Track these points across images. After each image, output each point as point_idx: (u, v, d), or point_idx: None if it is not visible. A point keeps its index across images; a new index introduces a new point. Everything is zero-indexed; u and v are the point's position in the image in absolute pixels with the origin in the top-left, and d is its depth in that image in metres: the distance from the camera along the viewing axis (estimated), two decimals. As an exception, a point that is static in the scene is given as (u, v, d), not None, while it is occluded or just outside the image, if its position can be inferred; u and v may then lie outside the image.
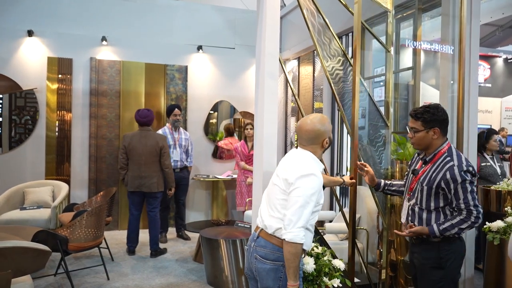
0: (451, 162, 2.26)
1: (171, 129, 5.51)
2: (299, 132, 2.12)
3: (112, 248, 4.94)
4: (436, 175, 2.29)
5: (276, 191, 2.06)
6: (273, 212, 2.05)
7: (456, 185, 2.22)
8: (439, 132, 2.33)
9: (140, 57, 6.07)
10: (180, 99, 6.27)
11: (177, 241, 5.52)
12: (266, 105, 2.82)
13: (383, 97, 3.58)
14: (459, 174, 2.21)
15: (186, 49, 6.37)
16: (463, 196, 2.22)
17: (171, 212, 5.89)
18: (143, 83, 6.07)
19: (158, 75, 6.17)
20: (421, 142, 2.36)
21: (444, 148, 2.35)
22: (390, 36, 3.47)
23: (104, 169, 5.89)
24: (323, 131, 2.11)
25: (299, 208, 1.92)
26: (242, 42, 6.60)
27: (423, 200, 2.35)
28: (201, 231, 4.28)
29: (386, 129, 3.38)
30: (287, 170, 2.04)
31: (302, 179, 1.95)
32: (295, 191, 1.95)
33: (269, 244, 2.03)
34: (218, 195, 6.37)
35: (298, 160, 2.06)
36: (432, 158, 2.37)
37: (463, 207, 2.22)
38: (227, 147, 6.44)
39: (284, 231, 1.93)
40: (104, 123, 5.90)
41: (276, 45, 2.84)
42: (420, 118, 2.33)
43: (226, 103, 6.64)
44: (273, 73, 2.83)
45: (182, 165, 5.55)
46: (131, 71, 6.02)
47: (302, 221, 1.92)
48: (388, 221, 3.33)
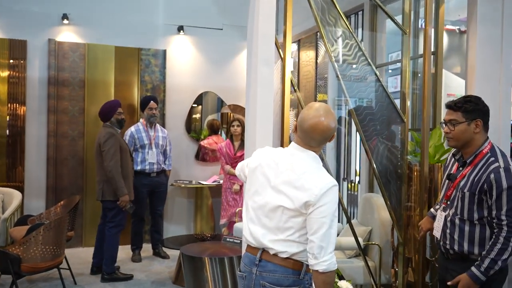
0: (496, 163, 2.31)
1: (145, 125, 5.49)
2: (311, 132, 2.01)
3: (75, 269, 4.90)
4: (479, 177, 2.33)
5: (278, 210, 2.03)
6: (278, 235, 2.03)
7: (501, 191, 2.24)
8: (481, 125, 2.38)
9: (109, 39, 6.03)
10: (157, 89, 6.25)
11: (153, 259, 5.49)
12: (259, 97, 2.82)
13: (399, 87, 3.60)
14: (505, 177, 2.24)
15: (164, 30, 6.34)
16: (508, 207, 2.24)
17: (146, 225, 5.87)
18: (113, 71, 6.04)
19: (130, 61, 6.14)
20: (461, 136, 2.40)
21: (486, 147, 2.40)
22: (407, 15, 3.48)
23: (65, 175, 5.85)
24: (335, 127, 2.09)
25: (327, 230, 1.93)
26: (231, 21, 6.58)
27: (464, 210, 2.38)
28: (182, 248, 4.27)
29: (402, 126, 3.39)
30: (295, 186, 1.99)
31: (326, 196, 1.95)
32: (318, 212, 1.94)
33: (280, 268, 2.03)
34: (202, 205, 6.36)
35: (311, 171, 2.01)
36: (472, 159, 2.41)
37: (504, 220, 2.24)
38: (211, 147, 6.43)
39: (315, 261, 1.93)
40: (66, 118, 5.86)
41: (272, 25, 2.84)
42: (460, 108, 2.39)
43: (212, 94, 6.63)
44: (268, 59, 2.83)
45: (159, 169, 5.53)
46: (98, 56, 5.99)
47: (333, 244, 1.95)
48: (404, 235, 3.34)
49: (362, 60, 3.36)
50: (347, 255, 4.08)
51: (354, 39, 3.34)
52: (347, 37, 3.34)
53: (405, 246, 3.34)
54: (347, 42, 3.34)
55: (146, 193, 5.48)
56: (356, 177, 5.57)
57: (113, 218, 4.69)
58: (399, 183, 3.35)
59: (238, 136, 5.63)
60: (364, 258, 3.46)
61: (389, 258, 3.81)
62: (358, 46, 3.34)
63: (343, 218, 5.44)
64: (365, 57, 3.35)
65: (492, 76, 3.45)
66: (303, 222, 1.98)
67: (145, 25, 6.24)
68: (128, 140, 5.39)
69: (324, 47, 5.73)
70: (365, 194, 4.56)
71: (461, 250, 2.39)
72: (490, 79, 3.44)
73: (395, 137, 3.44)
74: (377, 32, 4.79)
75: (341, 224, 4.82)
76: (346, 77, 3.32)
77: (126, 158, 4.73)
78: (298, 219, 1.98)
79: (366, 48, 4.75)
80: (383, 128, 3.38)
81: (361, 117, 3.32)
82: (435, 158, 3.44)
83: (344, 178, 5.69)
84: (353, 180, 5.61)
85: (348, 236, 3.95)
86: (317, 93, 6.10)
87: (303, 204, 1.95)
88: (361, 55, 3.33)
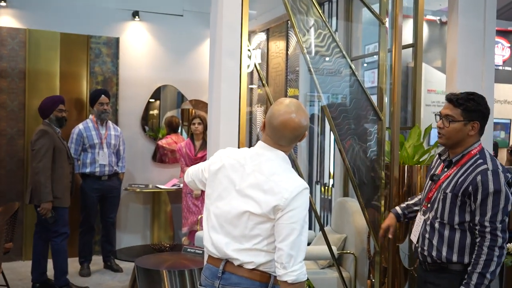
0: (485, 165, 2.36)
1: (96, 122, 5.43)
2: (281, 129, 2.03)
3: (14, 285, 4.81)
4: (464, 179, 2.38)
5: (243, 216, 2.03)
6: (243, 244, 2.03)
7: (486, 195, 2.30)
8: (478, 128, 2.44)
9: (54, 24, 5.94)
10: (109, 82, 6.19)
11: (105, 273, 5.44)
12: (224, 92, 2.82)
13: (376, 82, 3.66)
14: (493, 181, 2.30)
15: (117, 16, 6.29)
16: (492, 212, 2.29)
17: (96, 235, 5.80)
18: (58, 61, 5.95)
19: (78, 49, 6.06)
20: (453, 136, 2.45)
21: (475, 148, 2.45)
22: (385, 4, 3.55)
23: (2, 178, 5.73)
24: (307, 125, 2.11)
25: (297, 237, 1.95)
26: (192, 7, 6.57)
27: (445, 212, 2.43)
28: (137, 260, 4.24)
29: (380, 124, 3.45)
30: (264, 189, 2.00)
31: (297, 200, 1.97)
32: (287, 217, 1.95)
33: (246, 280, 2.04)
34: (160, 211, 6.33)
35: (280, 172, 2.03)
36: (459, 159, 2.46)
37: (488, 227, 2.29)
38: (170, 148, 6.41)
39: (284, 271, 1.94)
40: (3, 114, 5.74)
41: (238, 13, 2.84)
42: (461, 105, 2.42)
43: (172, 88, 6.60)
44: (234, 50, 2.83)
45: (111, 171, 5.48)
46: (40, 44, 5.88)
47: (303, 253, 1.98)
48: (381, 243, 3.41)
49: (336, 52, 3.41)
50: (319, 266, 4.13)
51: (328, 29, 3.38)
52: (320, 26, 3.38)
53: (382, 255, 3.40)
54: (320, 32, 3.37)
55: (96, 199, 5.41)
56: (330, 180, 5.64)
57: (53, 227, 4.63)
58: (375, 186, 3.41)
59: (200, 135, 5.64)
60: (338, 268, 3.51)
61: (365, 268, 3.87)
62: (332, 37, 3.38)
63: (315, 225, 5.50)
64: (339, 49, 3.39)
65: (474, 71, 3.55)
66: (271, 228, 1.99)
67: (95, 10, 6.16)
68: (75, 139, 5.33)
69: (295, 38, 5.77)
70: (339, 198, 4.62)
71: (439, 256, 2.44)
72: (472, 75, 3.54)
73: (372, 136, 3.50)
74: (352, 21, 4.86)
75: (313, 232, 4.87)
76: (319, 70, 3.36)
77: (61, 159, 4.66)
78: (265, 226, 1.99)
79: (340, 39, 4.81)
80: (359, 126, 3.44)
81: (335, 114, 3.36)
82: (414, 159, 3.53)
83: (317, 181, 5.76)
84: (327, 183, 5.68)
85: (320, 245, 4.00)
86: (287, 88, 6.15)
87: (271, 208, 1.96)
88: (335, 46, 3.37)
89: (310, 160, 5.79)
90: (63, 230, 4.68)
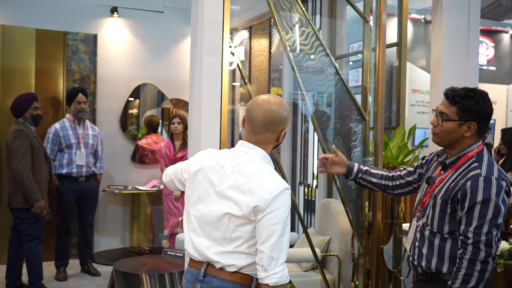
0: (478, 169, 2.21)
1: (73, 122, 5.39)
2: (261, 119, 2.05)
3: (-13, 290, 4.74)
4: (455, 184, 2.24)
5: (224, 218, 2.03)
6: (224, 247, 2.03)
7: (474, 203, 2.15)
8: (475, 129, 2.27)
9: (29, 20, 5.89)
10: (86, 80, 6.14)
11: (82, 277, 5.40)
12: (205, 90, 2.82)
13: (360, 81, 3.69)
14: (483, 188, 2.15)
15: (95, 11, 6.24)
16: (478, 223, 2.14)
17: (73, 238, 5.76)
18: (33, 58, 5.89)
19: (54, 46, 6.01)
20: (446, 136, 2.31)
21: (473, 150, 2.30)
22: (369, 2, 3.57)
23: (-25, 179, 5.63)
24: (287, 117, 2.11)
25: (278, 239, 1.95)
26: (173, 3, 6.56)
27: (434, 220, 2.30)
28: (116, 263, 4.22)
29: (364, 124, 3.48)
30: (243, 190, 2.00)
31: (277, 201, 1.96)
32: (268, 218, 1.95)
33: (228, 283, 2.04)
34: (139, 213, 6.30)
35: (260, 172, 2.02)
36: (454, 161, 2.32)
37: (470, 238, 2.15)
38: (150, 148, 6.39)
39: (265, 273, 1.94)
40: (-25, 113, 5.65)
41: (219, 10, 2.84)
42: (458, 103, 2.26)
43: (152, 87, 6.57)
44: (215, 48, 2.83)
45: (89, 172, 5.45)
46: (14, 40, 5.81)
47: (284, 255, 1.97)
48: (365, 244, 3.43)
49: (320, 51, 3.42)
50: (303, 268, 4.14)
51: (311, 27, 3.40)
52: (304, 24, 3.39)
53: (366, 257, 3.43)
54: (304, 30, 3.39)
55: (73, 201, 5.37)
56: (313, 180, 5.66)
57: (27, 231, 4.58)
58: (360, 188, 3.43)
59: (179, 135, 5.64)
60: (321, 271, 3.53)
61: (349, 271, 3.90)
62: (315, 35, 3.40)
63: (298, 227, 5.52)
64: (323, 47, 3.41)
65: (458, 71, 3.60)
66: (252, 230, 1.99)
67: (72, 5, 6.11)
68: (51, 139, 5.29)
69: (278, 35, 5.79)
70: (323, 199, 4.64)
71: (428, 267, 2.32)
72: (457, 74, 3.59)
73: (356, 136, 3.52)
74: (336, 19, 4.89)
75: (297, 234, 4.89)
76: (303, 69, 3.37)
77: (39, 159, 4.61)
78: (246, 228, 2.00)
79: (324, 37, 4.84)
80: (343, 126, 3.46)
81: (319, 114, 3.38)
82: (399, 160, 3.56)
83: (300, 182, 5.78)
84: (310, 184, 5.71)
85: (304, 247, 4.01)
86: (270, 87, 6.16)
87: (251, 210, 1.97)
88: (319, 44, 3.39)
89: (293, 161, 5.81)
90: (37, 234, 4.63)
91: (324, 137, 3.35)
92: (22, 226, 4.57)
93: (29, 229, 4.57)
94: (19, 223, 4.56)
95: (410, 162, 3.58)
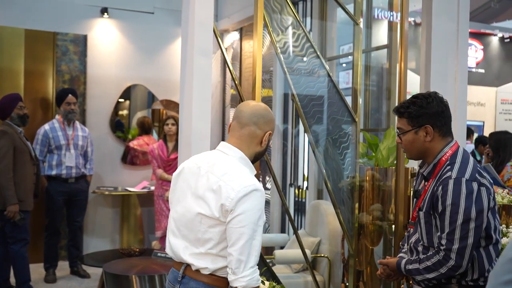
0: (449, 172, 2.15)
1: (62, 123, 5.37)
2: (247, 114, 2.10)
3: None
4: (432, 193, 2.19)
5: (196, 219, 2.03)
6: (198, 248, 2.04)
7: (444, 207, 2.09)
8: (432, 131, 2.21)
9: (18, 20, 5.85)
10: (76, 81, 6.11)
11: (71, 279, 5.37)
12: (195, 91, 2.81)
13: (351, 83, 3.70)
14: (452, 191, 2.08)
15: (85, 12, 6.22)
16: (449, 229, 2.08)
17: (62, 239, 5.73)
18: (22, 58, 5.86)
19: (44, 47, 5.98)
20: (411, 148, 2.27)
21: (446, 154, 2.23)
22: (359, 4, 3.59)
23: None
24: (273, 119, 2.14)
25: (247, 242, 1.93)
26: (163, 4, 6.54)
27: (423, 234, 2.23)
28: (105, 265, 4.19)
29: (354, 126, 3.49)
30: (213, 189, 2.00)
31: (243, 202, 1.94)
32: (237, 221, 1.94)
33: (203, 285, 2.04)
34: (130, 215, 6.27)
35: (231, 172, 2.02)
36: (431, 171, 2.26)
37: (443, 245, 2.10)
38: (141, 149, 6.38)
39: (234, 276, 1.93)
40: (-36, 113, 5.61)
41: (210, 10, 2.84)
42: (404, 113, 2.25)
43: (142, 88, 6.56)
44: (206, 49, 2.83)
45: (79, 174, 5.42)
46: (4, 41, 5.79)
47: (254, 258, 1.95)
48: (356, 246, 3.44)
49: (310, 52, 3.44)
50: (293, 270, 4.15)
51: (302, 29, 3.41)
52: (294, 26, 3.40)
53: (356, 258, 3.44)
54: (294, 32, 3.40)
55: (63, 202, 5.34)
56: (304, 182, 5.67)
57: (11, 233, 4.52)
58: (350, 189, 3.45)
59: (173, 136, 5.62)
60: (312, 272, 3.54)
61: (339, 272, 3.91)
62: (306, 37, 3.41)
63: (289, 228, 5.53)
64: (314, 49, 3.42)
65: (447, 73, 3.62)
66: (223, 232, 1.98)
67: (62, 5, 6.08)
68: (40, 140, 5.26)
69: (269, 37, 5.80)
70: (313, 201, 4.65)
71: (427, 284, 2.24)
72: (446, 77, 3.61)
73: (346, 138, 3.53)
74: (327, 21, 4.91)
75: (287, 235, 4.89)
76: (293, 70, 3.38)
77: (23, 161, 4.56)
78: (217, 229, 1.99)
79: (315, 39, 4.85)
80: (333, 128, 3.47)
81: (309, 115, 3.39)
82: (389, 161, 3.58)
83: (290, 183, 5.78)
84: (301, 185, 5.71)
85: (294, 248, 4.02)
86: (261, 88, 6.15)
87: (219, 209, 1.96)
88: (310, 46, 3.40)
89: (284, 162, 5.81)
90: (22, 236, 4.56)
91: (314, 139, 3.36)
92: (6, 229, 4.52)
93: (13, 231, 4.51)
94: (3, 225, 4.52)
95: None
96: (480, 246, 2.17)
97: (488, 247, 2.19)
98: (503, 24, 9.86)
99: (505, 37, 9.55)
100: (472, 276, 2.17)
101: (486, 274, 2.17)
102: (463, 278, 2.17)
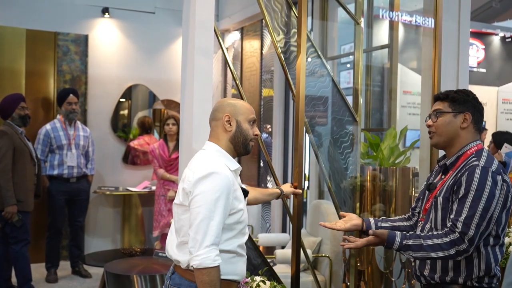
0: (476, 161, 2.16)
1: (63, 123, 5.37)
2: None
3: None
4: (454, 180, 2.18)
5: (177, 210, 2.11)
6: (177, 239, 2.10)
7: (468, 191, 2.09)
8: (470, 119, 2.24)
9: (19, 20, 5.86)
10: (77, 81, 6.12)
11: (73, 279, 5.38)
12: (196, 91, 2.81)
13: (352, 83, 3.70)
14: (479, 177, 2.08)
15: (86, 12, 6.22)
16: (468, 213, 2.06)
17: (64, 239, 5.73)
18: (24, 58, 5.87)
19: (45, 47, 5.99)
20: (444, 130, 2.26)
21: (472, 148, 2.25)
22: (360, 3, 3.59)
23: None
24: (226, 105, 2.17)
25: (203, 221, 1.95)
26: (164, 4, 6.55)
27: (438, 221, 2.21)
28: (107, 265, 4.20)
29: (355, 125, 3.49)
30: (182, 179, 2.10)
31: (201, 184, 1.98)
32: (194, 201, 1.99)
33: (185, 281, 2.07)
34: (131, 215, 6.28)
35: (195, 159, 2.12)
36: (454, 162, 2.26)
37: (459, 228, 2.07)
38: (142, 149, 6.38)
39: (190, 256, 1.96)
40: (-35, 113, 5.62)
41: (211, 10, 2.83)
42: (448, 96, 2.28)
43: (143, 88, 6.56)
44: (207, 48, 2.82)
45: (80, 173, 5.42)
46: (5, 40, 5.79)
47: (211, 237, 1.94)
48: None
49: (311, 52, 3.43)
50: (294, 269, 4.14)
51: (303, 29, 3.40)
52: (295, 26, 3.40)
53: (358, 258, 3.43)
54: (295, 31, 3.39)
55: (64, 202, 5.34)
56: (305, 182, 5.66)
57: (12, 233, 4.51)
58: (351, 189, 3.44)
59: (174, 136, 5.61)
60: (313, 272, 3.53)
61: (340, 271, 3.90)
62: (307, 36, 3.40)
63: (290, 228, 5.52)
64: (314, 49, 3.41)
65: (449, 73, 3.62)
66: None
67: (63, 5, 6.09)
68: (42, 140, 5.26)
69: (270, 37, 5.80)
70: (314, 200, 4.65)
71: (432, 276, 2.23)
72: (447, 76, 3.61)
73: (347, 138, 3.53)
74: (328, 21, 4.90)
75: (288, 235, 4.89)
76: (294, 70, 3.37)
77: (23, 161, 4.54)
78: (186, 215, 2.04)
79: (316, 39, 4.84)
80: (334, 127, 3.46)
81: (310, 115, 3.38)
82: (390, 161, 3.57)
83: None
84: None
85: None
86: (262, 88, 6.16)
87: (182, 193, 2.05)
88: (310, 46, 3.40)
89: (285, 162, 5.81)
90: (22, 237, 4.55)
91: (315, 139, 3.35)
92: (6, 229, 4.51)
93: (13, 231, 4.50)
94: (4, 225, 4.52)
95: (402, 163, 3.59)
96: (489, 244, 2.16)
97: (495, 247, 2.18)
98: (505, 24, 9.85)
99: (506, 37, 9.53)
100: (478, 273, 2.15)
101: (492, 273, 2.17)
102: (469, 278, 2.16)
